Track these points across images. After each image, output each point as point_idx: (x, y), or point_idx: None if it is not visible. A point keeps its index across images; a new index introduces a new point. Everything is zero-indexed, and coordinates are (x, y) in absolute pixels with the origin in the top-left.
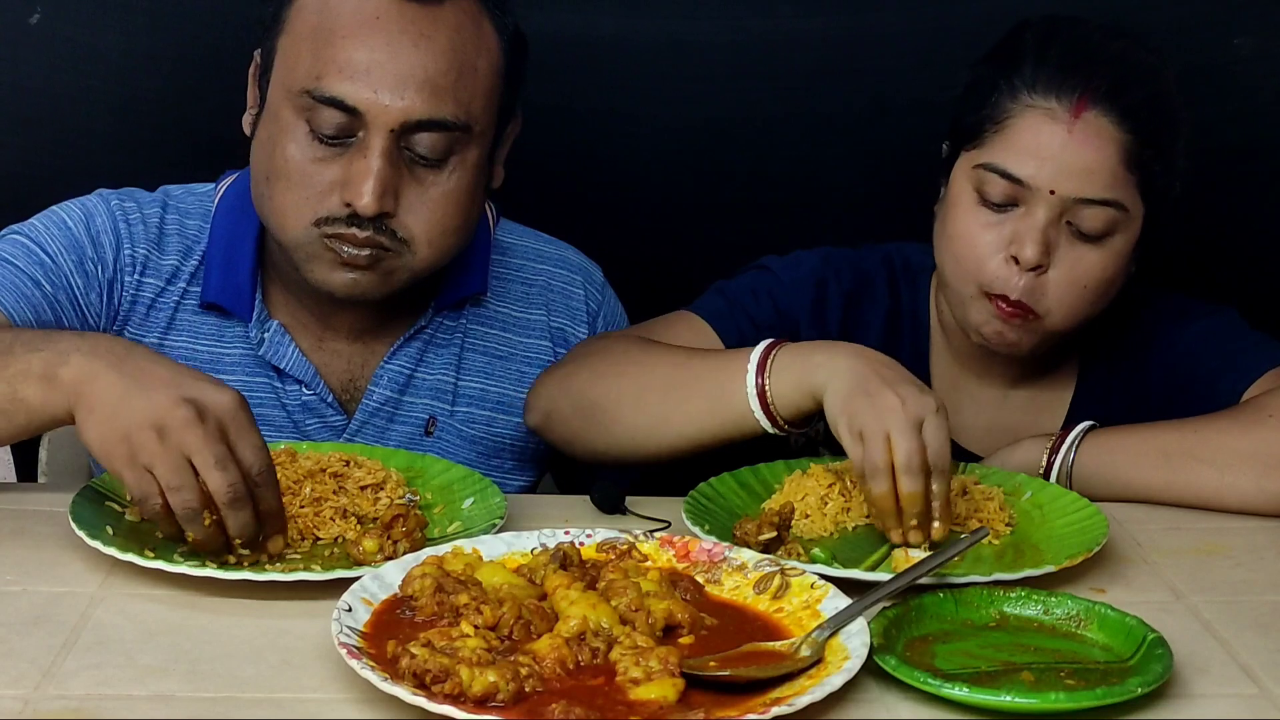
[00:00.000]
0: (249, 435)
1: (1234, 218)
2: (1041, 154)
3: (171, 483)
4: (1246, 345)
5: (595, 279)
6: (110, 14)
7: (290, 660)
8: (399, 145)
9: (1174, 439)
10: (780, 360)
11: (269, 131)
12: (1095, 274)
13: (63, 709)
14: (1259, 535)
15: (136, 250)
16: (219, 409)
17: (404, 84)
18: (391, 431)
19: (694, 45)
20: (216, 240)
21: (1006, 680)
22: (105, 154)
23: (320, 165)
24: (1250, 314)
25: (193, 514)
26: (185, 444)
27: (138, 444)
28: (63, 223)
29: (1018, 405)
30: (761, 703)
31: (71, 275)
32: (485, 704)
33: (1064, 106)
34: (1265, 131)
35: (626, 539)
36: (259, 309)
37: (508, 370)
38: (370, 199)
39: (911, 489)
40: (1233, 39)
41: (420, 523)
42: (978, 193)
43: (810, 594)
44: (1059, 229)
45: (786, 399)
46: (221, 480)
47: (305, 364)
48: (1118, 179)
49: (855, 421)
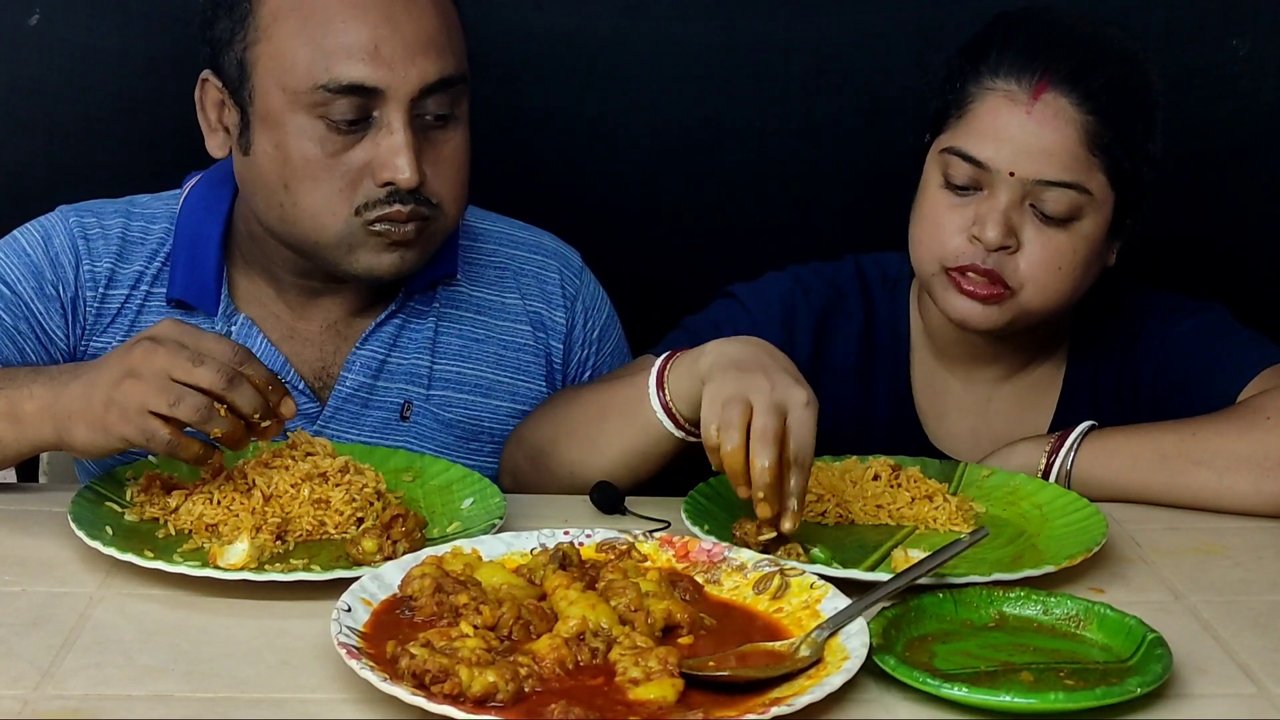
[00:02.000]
0: (204, 336)
1: (1233, 218)
2: (1000, 135)
3: (169, 400)
4: (1238, 344)
5: (572, 264)
6: (109, 15)
7: (289, 660)
8: (414, 113)
9: (1172, 442)
10: (675, 368)
11: (274, 141)
12: (1067, 255)
13: (62, 709)
14: (1258, 535)
15: (98, 265)
16: (165, 332)
17: (412, 51)
18: (366, 417)
19: (689, 47)
20: (181, 238)
21: (1006, 680)
22: (105, 154)
23: (343, 156)
24: (1249, 314)
25: (206, 412)
26: (158, 368)
27: (122, 397)
28: (21, 250)
29: (1002, 409)
30: (761, 703)
31: (32, 301)
32: (484, 704)
33: (1023, 89)
34: (1263, 132)
35: (626, 539)
36: (225, 303)
37: (484, 353)
38: (410, 171)
39: (761, 461)
40: (1230, 40)
41: (419, 523)
42: (944, 176)
43: (810, 594)
44: (1022, 212)
45: (687, 402)
46: (207, 373)
47: (274, 354)
48: (1079, 161)
49: (721, 390)
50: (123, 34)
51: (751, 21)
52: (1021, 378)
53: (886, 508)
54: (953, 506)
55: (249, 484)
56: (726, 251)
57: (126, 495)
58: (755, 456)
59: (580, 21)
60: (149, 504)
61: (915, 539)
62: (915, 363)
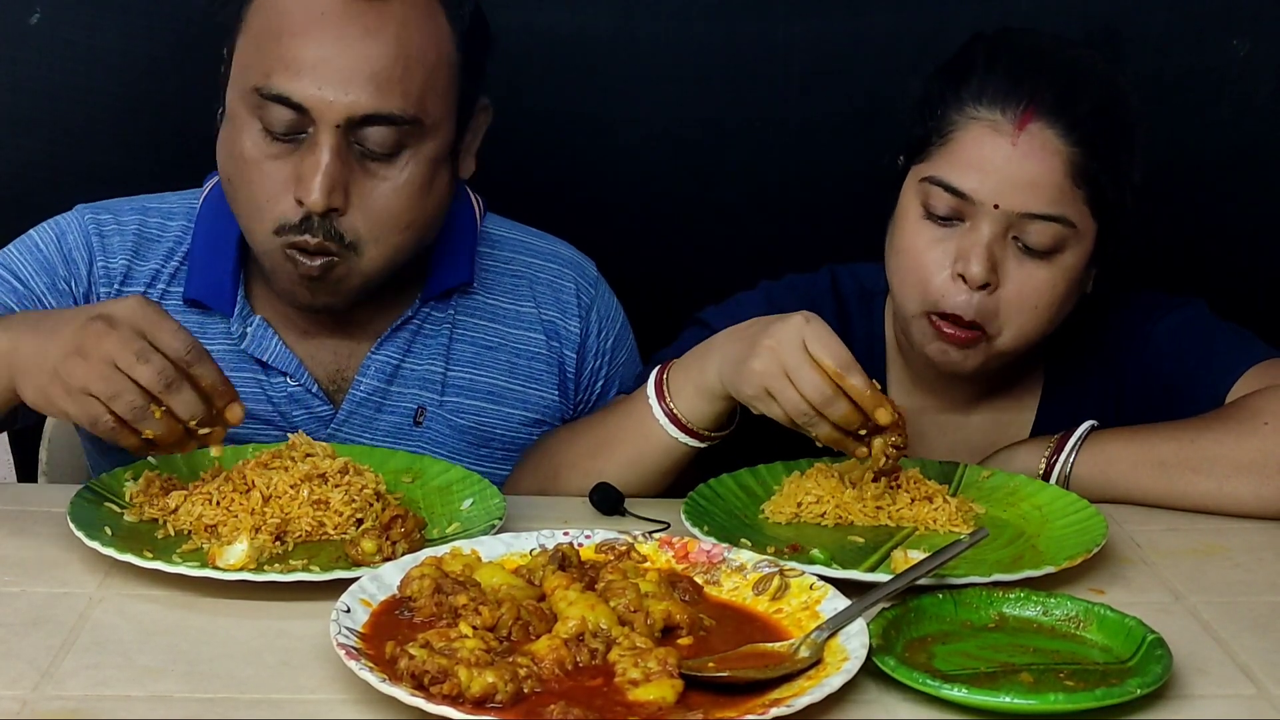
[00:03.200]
0: (164, 323)
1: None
2: (985, 167)
3: (107, 391)
4: (1224, 342)
5: (588, 274)
6: (109, 15)
7: (289, 661)
8: (349, 140)
9: (1171, 449)
10: (674, 380)
11: (227, 131)
12: (1045, 292)
13: (61, 709)
14: (1257, 536)
15: (112, 262)
16: (126, 313)
17: (349, 79)
18: (379, 421)
19: (689, 47)
20: (200, 238)
21: (1005, 681)
22: (105, 154)
23: (273, 163)
24: (1247, 314)
25: (139, 411)
26: (105, 353)
27: (66, 373)
28: (35, 245)
29: (981, 424)
30: (760, 704)
31: (44, 297)
32: (484, 705)
33: (1008, 119)
34: (1262, 133)
35: (625, 540)
36: (241, 304)
37: (498, 361)
38: (319, 194)
39: (836, 411)
40: (1230, 41)
41: (419, 523)
42: (924, 207)
43: (809, 595)
44: (1005, 245)
45: (697, 411)
46: (148, 371)
47: (289, 356)
48: (1064, 194)
49: (752, 384)
50: (123, 34)
51: (751, 22)
52: (1000, 391)
53: (886, 509)
54: (952, 508)
55: (248, 485)
56: (725, 251)
57: (125, 496)
58: (829, 414)
59: (581, 22)
60: (148, 505)
61: (915, 540)
62: (892, 380)
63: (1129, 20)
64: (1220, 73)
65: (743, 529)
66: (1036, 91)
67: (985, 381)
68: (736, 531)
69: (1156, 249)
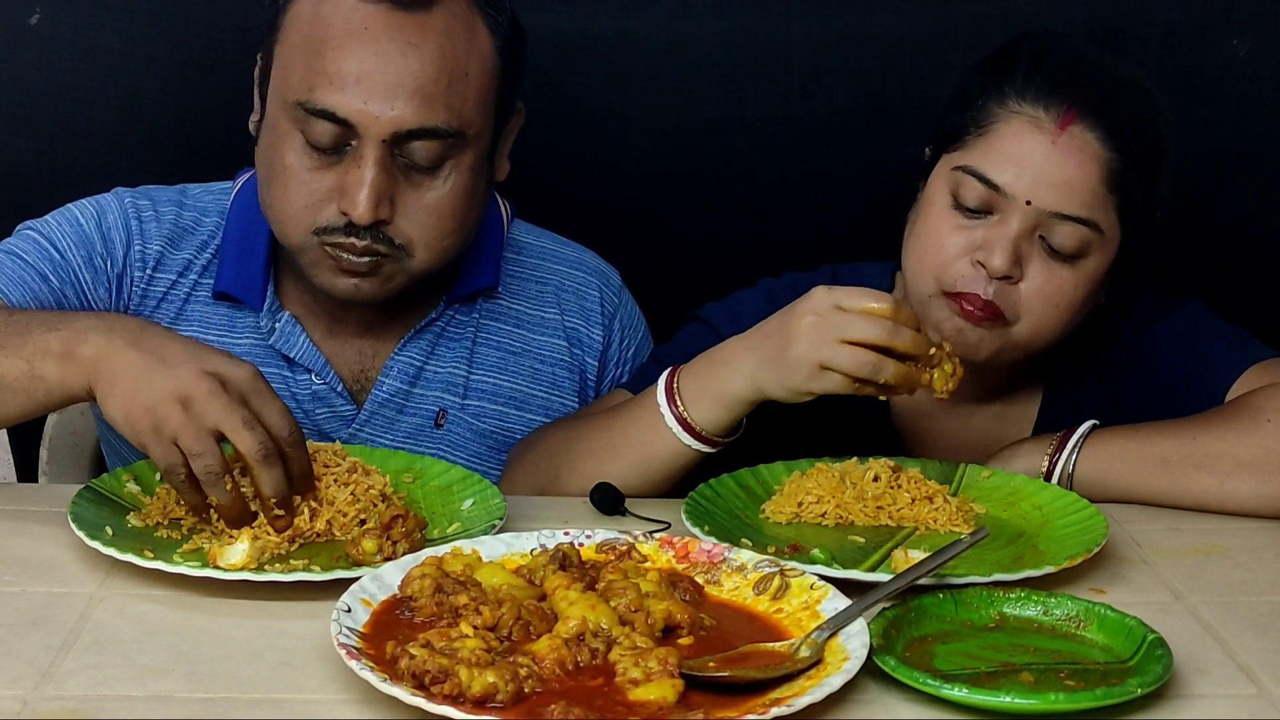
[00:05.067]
0: (272, 401)
1: (1232, 218)
2: (1022, 162)
3: (195, 449)
4: (1221, 342)
5: (612, 282)
6: (109, 15)
7: (289, 661)
8: (393, 153)
9: (1173, 446)
10: (686, 387)
11: (269, 139)
12: (1067, 293)
13: (61, 709)
14: (1258, 536)
15: (148, 247)
16: (239, 380)
17: (394, 94)
18: (401, 423)
19: (691, 46)
20: (231, 233)
21: (1006, 681)
22: (105, 154)
23: (317, 174)
24: (1247, 314)
25: (215, 477)
26: (210, 413)
27: (163, 416)
28: (75, 219)
29: (982, 423)
30: (761, 703)
31: (79, 270)
32: (484, 705)
33: (1051, 117)
34: (1263, 132)
35: (626, 540)
36: (270, 299)
37: (521, 366)
38: (365, 209)
39: (903, 339)
40: (1230, 40)
41: (419, 523)
42: (953, 195)
43: (810, 595)
44: (1031, 243)
45: (712, 419)
46: (252, 439)
47: (315, 353)
48: (1097, 198)
49: (803, 368)
50: (123, 34)
51: (753, 21)
52: (1002, 394)
53: (887, 509)
54: (953, 507)
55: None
56: (725, 250)
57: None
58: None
59: (582, 21)
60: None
61: (915, 540)
62: None
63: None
64: (1220, 72)
65: (743, 529)
66: (1081, 94)
67: (987, 382)
68: (737, 531)
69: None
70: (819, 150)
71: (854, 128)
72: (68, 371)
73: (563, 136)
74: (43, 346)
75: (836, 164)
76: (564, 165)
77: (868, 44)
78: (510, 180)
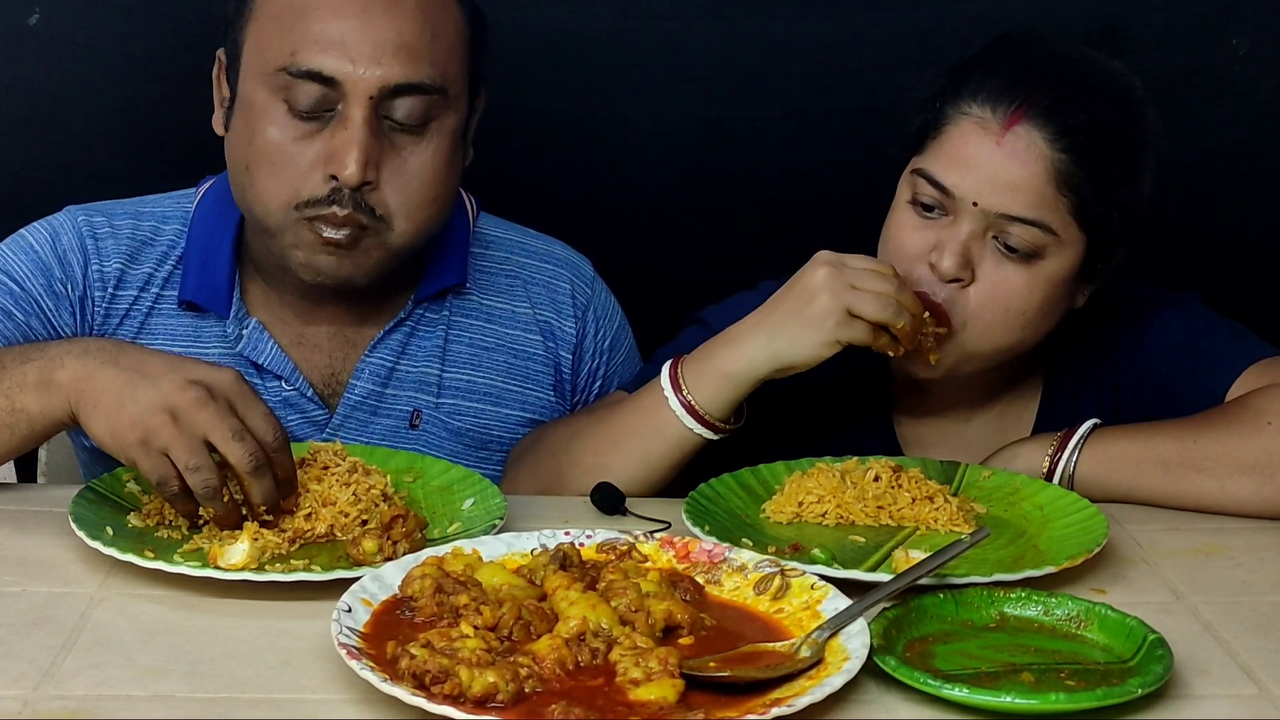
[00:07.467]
0: (257, 406)
1: (1231, 218)
2: (968, 164)
3: (190, 463)
4: (1220, 340)
5: (584, 273)
6: (108, 15)
7: (290, 661)
8: (378, 114)
9: (1174, 449)
10: (689, 373)
11: (244, 120)
12: (1019, 295)
13: (62, 709)
14: (1259, 536)
15: (106, 265)
16: (224, 386)
17: (379, 50)
18: (375, 425)
19: (688, 46)
20: (194, 241)
21: (1006, 681)
22: (105, 154)
23: (301, 144)
24: (1248, 314)
25: (213, 492)
26: (199, 424)
27: (151, 429)
28: (29, 247)
29: (982, 427)
30: (761, 703)
31: (41, 298)
32: (485, 705)
33: (996, 118)
34: (1262, 132)
35: (626, 540)
36: (237, 306)
37: (494, 362)
38: (355, 168)
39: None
40: (1230, 40)
41: (420, 523)
42: (913, 197)
43: (810, 595)
44: (984, 243)
45: (715, 400)
46: (242, 451)
47: (284, 359)
48: (1045, 200)
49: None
50: (123, 34)
51: (751, 21)
52: (1000, 397)
53: (887, 508)
54: (954, 507)
55: None
56: (725, 251)
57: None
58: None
59: (580, 21)
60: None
61: (916, 540)
62: (897, 378)
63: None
64: (1220, 72)
65: (744, 529)
66: (1031, 94)
67: (986, 382)
68: (737, 531)
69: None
70: (817, 150)
71: (852, 128)
72: (48, 400)
73: (561, 137)
74: (19, 380)
75: (835, 164)
76: (562, 165)
77: (866, 44)
78: (507, 181)
